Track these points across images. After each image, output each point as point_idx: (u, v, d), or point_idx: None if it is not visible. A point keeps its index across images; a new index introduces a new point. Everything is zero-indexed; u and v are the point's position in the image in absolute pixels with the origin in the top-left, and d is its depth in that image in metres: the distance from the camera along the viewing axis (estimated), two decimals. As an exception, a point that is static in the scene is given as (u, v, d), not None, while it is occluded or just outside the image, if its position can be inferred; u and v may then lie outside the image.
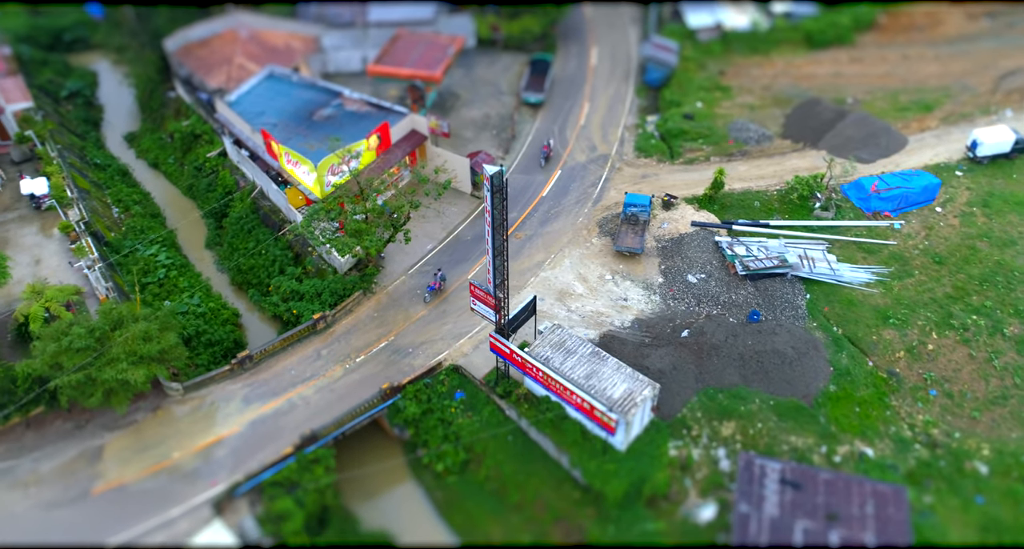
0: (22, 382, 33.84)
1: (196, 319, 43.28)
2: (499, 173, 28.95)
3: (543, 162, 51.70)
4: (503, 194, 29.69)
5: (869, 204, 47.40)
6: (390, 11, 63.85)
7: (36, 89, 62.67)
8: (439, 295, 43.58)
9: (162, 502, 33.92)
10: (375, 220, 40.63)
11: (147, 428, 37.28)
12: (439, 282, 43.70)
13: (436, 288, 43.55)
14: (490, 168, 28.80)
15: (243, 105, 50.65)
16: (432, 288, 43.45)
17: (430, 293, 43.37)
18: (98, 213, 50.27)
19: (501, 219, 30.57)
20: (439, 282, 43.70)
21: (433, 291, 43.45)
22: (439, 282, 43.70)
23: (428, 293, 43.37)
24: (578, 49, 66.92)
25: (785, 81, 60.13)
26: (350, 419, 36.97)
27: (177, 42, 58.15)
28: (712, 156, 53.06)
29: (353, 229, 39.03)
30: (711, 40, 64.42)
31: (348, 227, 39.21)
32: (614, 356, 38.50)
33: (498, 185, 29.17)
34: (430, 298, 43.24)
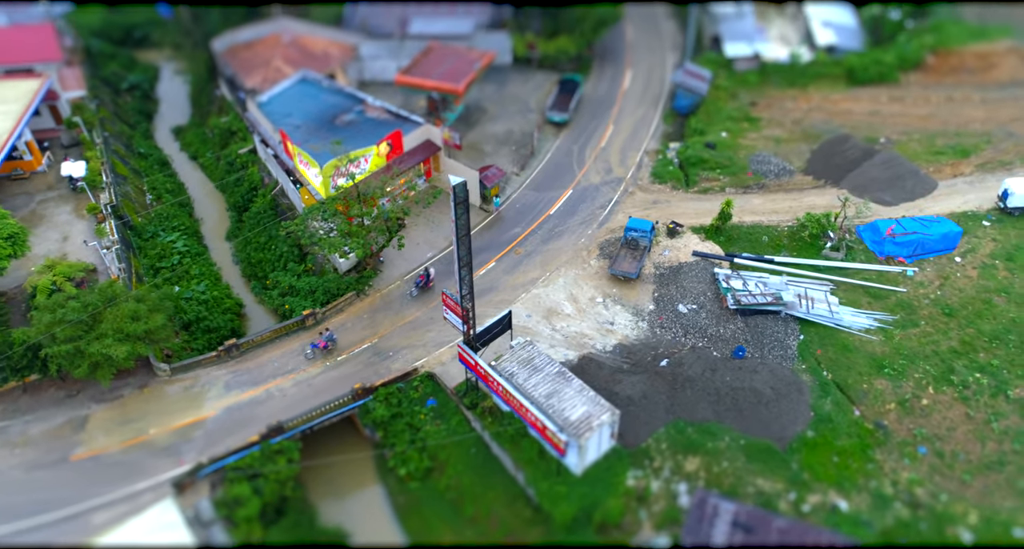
0: (17, 347, 36.17)
1: (199, 305, 45.24)
2: (462, 184, 29.42)
3: (414, 291, 44.48)
4: (466, 206, 30.11)
5: (883, 248, 45.56)
6: (431, 24, 65.59)
7: (99, 80, 67.30)
8: (329, 354, 40.99)
9: (131, 475, 35.47)
10: (370, 224, 41.71)
11: (132, 403, 39.17)
12: (326, 342, 41.10)
13: (321, 347, 40.93)
14: (454, 179, 29.30)
15: (272, 106, 52.92)
16: (315, 346, 40.87)
17: (313, 350, 40.80)
18: (130, 198, 53.34)
19: (466, 230, 30.98)
20: (326, 342, 41.10)
21: (317, 350, 40.85)
22: (326, 342, 41.10)
23: (310, 350, 40.82)
24: (613, 71, 66.99)
25: (818, 116, 58.56)
26: (319, 415, 37.87)
27: (224, 43, 61.35)
28: (728, 187, 52.12)
29: (344, 230, 40.21)
30: (748, 70, 63.40)
31: (340, 228, 40.40)
32: (590, 379, 38.35)
33: (461, 197, 29.63)
34: (312, 355, 40.76)
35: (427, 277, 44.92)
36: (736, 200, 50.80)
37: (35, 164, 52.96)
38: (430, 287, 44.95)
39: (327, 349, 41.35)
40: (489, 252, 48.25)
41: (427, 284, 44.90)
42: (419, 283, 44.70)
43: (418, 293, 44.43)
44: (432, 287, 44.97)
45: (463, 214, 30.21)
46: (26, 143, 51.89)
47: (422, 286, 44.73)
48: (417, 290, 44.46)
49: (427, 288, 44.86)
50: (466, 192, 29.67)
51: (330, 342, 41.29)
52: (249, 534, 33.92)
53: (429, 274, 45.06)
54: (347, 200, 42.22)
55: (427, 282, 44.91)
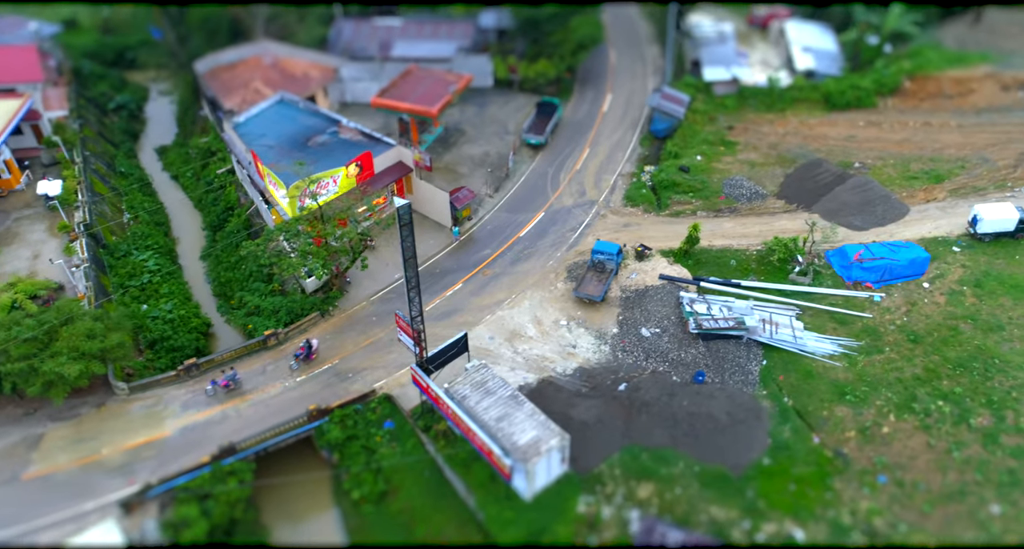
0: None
1: (164, 324, 45.35)
2: (406, 206, 29.52)
3: (294, 365, 41.32)
4: (411, 228, 30.18)
5: (850, 273, 45.26)
6: (414, 47, 66.32)
7: (86, 100, 68.26)
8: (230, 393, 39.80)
9: (80, 495, 35.28)
10: (334, 245, 41.86)
11: (88, 422, 39.11)
12: (228, 381, 39.95)
13: (223, 385, 39.80)
14: (399, 201, 29.40)
15: (248, 126, 53.47)
16: (214, 383, 39.78)
17: (214, 387, 39.64)
18: (106, 217, 53.82)
19: (412, 251, 31.02)
20: (228, 381, 39.95)
21: (216, 386, 39.69)
22: (228, 381, 39.95)
23: (211, 387, 39.63)
24: (594, 95, 67.42)
25: (794, 140, 58.59)
26: (272, 436, 37.71)
27: (207, 64, 62.24)
28: (700, 210, 52.07)
29: (305, 250, 40.35)
30: (727, 94, 63.66)
31: (301, 249, 40.56)
32: (547, 403, 38.14)
33: (405, 219, 29.71)
34: (213, 392, 39.46)
35: (308, 348, 41.42)
36: (707, 224, 50.78)
37: (13, 182, 53.63)
38: (312, 359, 41.60)
39: (228, 388, 39.91)
40: (457, 273, 48.29)
41: (309, 356, 41.48)
42: (299, 355, 41.16)
43: (299, 366, 40.96)
44: (315, 358, 41.64)
45: (408, 236, 30.28)
46: (4, 161, 52.63)
47: (303, 358, 41.26)
48: (298, 363, 40.99)
49: (310, 360, 41.52)
50: (410, 215, 29.75)
51: (232, 381, 39.88)
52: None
53: (311, 345, 41.54)
54: (312, 221, 42.45)
55: (309, 354, 41.45)
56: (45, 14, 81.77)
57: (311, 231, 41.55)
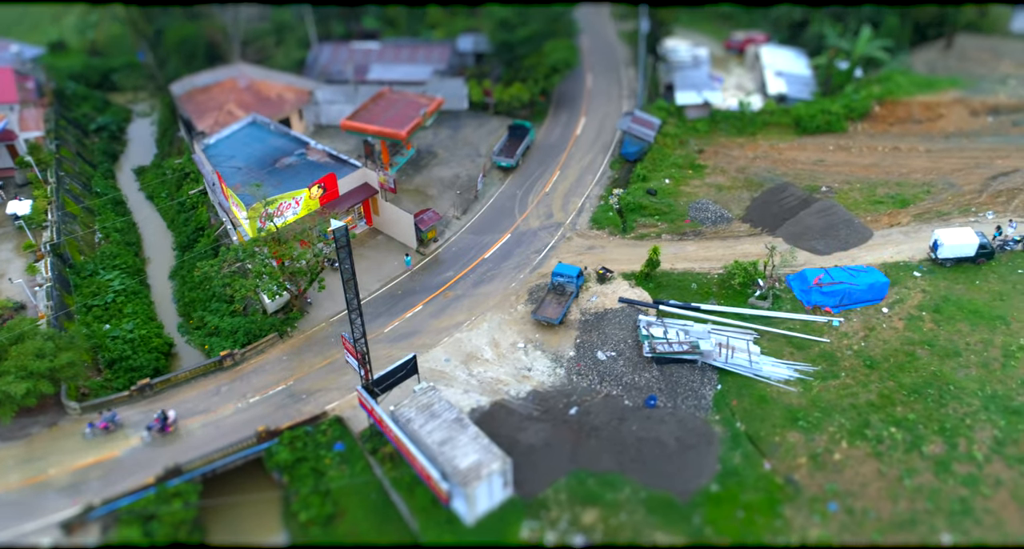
0: (-81, 385, 36.42)
1: (124, 344, 45.43)
2: (343, 228, 29.72)
3: (147, 437, 38.41)
4: (348, 249, 30.33)
5: (810, 297, 45.17)
6: (390, 71, 67.11)
7: (67, 121, 69.12)
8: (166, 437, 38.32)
9: (22, 515, 35.16)
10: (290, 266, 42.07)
11: (38, 442, 39.04)
12: (106, 423, 38.52)
13: (101, 427, 38.42)
14: (335, 222, 29.65)
15: (218, 148, 54.01)
16: (91, 426, 38.35)
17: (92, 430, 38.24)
18: (76, 237, 54.20)
19: (351, 273, 31.14)
20: (106, 423, 38.52)
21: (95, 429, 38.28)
22: (106, 423, 38.52)
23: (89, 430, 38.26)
24: (568, 118, 67.96)
25: (763, 164, 58.84)
26: (219, 457, 37.57)
27: (183, 87, 63.07)
28: (665, 234, 52.19)
29: (259, 272, 40.54)
30: (698, 118, 64.10)
31: (255, 270, 40.75)
32: (497, 426, 38.02)
33: (342, 241, 29.88)
34: (92, 435, 38.09)
35: (163, 420, 38.64)
36: (670, 247, 50.88)
37: (-15, 202, 54.21)
38: (168, 432, 38.60)
39: (107, 430, 38.65)
40: (419, 295, 48.38)
41: (164, 428, 38.54)
42: (151, 427, 38.49)
43: (151, 439, 38.14)
44: (172, 431, 38.62)
45: (347, 258, 30.42)
46: (-24, 181, 53.27)
47: (158, 430, 38.52)
48: (150, 435, 38.26)
49: (165, 432, 38.51)
50: (347, 236, 29.94)
51: (111, 423, 38.66)
52: (133, 579, 33.46)
53: (167, 416, 38.80)
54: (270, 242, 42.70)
55: (164, 426, 38.55)
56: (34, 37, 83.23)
57: (269, 252, 41.75)
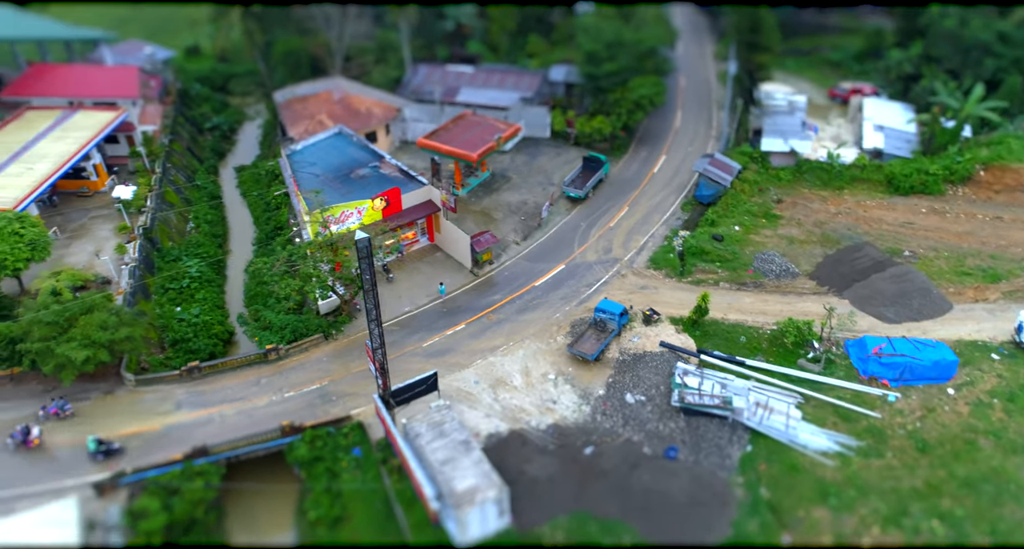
0: (1, 340, 40.59)
1: (188, 327, 48.74)
2: (366, 239, 30.82)
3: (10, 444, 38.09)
4: (370, 260, 31.38)
5: (867, 367, 42.17)
6: (478, 95, 68.98)
7: (185, 118, 75.52)
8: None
9: (65, 471, 38.22)
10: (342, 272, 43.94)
11: (94, 406, 42.45)
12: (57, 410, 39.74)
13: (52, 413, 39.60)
14: (360, 233, 30.76)
15: (303, 154, 57.34)
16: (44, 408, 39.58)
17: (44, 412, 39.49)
18: (169, 224, 58.93)
19: (371, 283, 32.15)
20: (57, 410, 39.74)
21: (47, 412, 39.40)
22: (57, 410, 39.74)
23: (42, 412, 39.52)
24: (648, 155, 67.24)
25: (844, 221, 55.70)
26: (244, 445, 39.41)
27: (285, 95, 67.52)
28: (723, 282, 50.36)
29: (304, 273, 42.53)
30: (783, 167, 61.68)
31: (302, 271, 42.78)
32: (506, 454, 37.85)
33: (364, 251, 30.97)
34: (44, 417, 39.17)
35: (25, 434, 38.15)
36: (726, 296, 49.06)
37: (99, 184, 59.97)
38: (31, 446, 38.10)
39: (58, 416, 40.04)
40: (463, 314, 49.05)
41: (26, 442, 38.07)
42: (15, 436, 38.06)
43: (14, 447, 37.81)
44: (35, 446, 38.18)
45: (368, 268, 31.48)
46: (94, 165, 59.06)
47: (20, 442, 38.10)
48: (14, 443, 37.93)
49: (27, 446, 38.03)
50: (369, 247, 31.01)
51: (60, 410, 40.05)
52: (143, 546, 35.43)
53: (28, 430, 38.29)
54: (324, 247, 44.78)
55: (26, 440, 38.06)
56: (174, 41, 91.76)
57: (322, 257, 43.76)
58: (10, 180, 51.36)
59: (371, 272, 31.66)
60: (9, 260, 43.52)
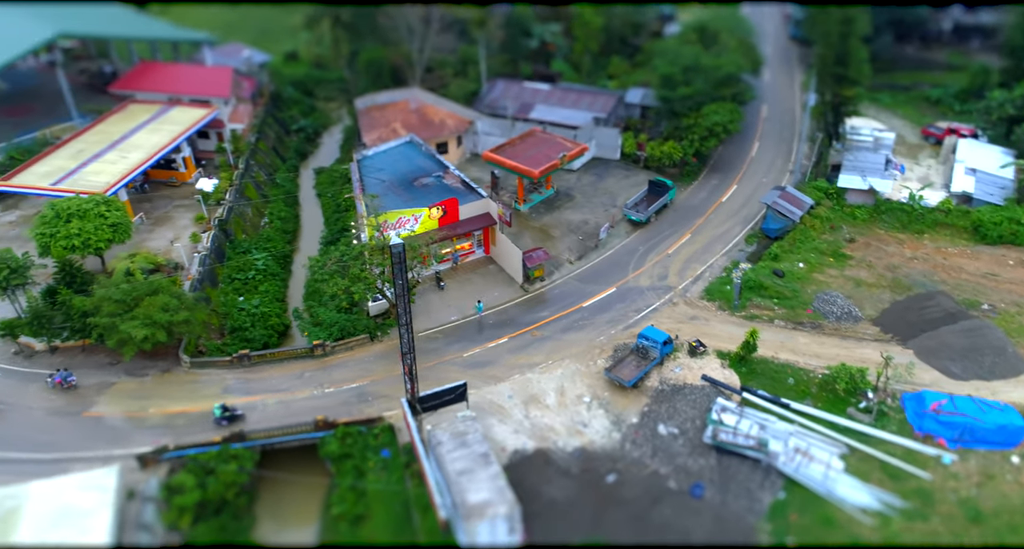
0: (75, 312, 43.77)
1: (247, 316, 51.09)
2: (401, 245, 31.57)
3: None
4: (404, 266, 32.07)
5: (923, 423, 39.47)
6: (551, 113, 69.38)
7: (274, 119, 79.52)
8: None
9: (115, 441, 40.76)
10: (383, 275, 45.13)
11: (151, 383, 45.10)
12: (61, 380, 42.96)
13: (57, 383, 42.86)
14: (395, 239, 31.55)
15: (372, 160, 59.29)
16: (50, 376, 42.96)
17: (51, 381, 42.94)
18: (244, 218, 62.10)
19: (403, 289, 32.83)
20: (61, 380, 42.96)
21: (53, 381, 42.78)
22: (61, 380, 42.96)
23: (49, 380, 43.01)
24: (719, 183, 65.63)
25: (919, 267, 52.47)
26: (279, 434, 40.84)
27: (365, 102, 70.04)
28: (778, 319, 48.41)
29: (352, 274, 43.81)
30: (860, 205, 58.83)
31: (352, 272, 44.10)
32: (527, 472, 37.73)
33: (398, 258, 31.70)
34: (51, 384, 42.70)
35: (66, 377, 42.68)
36: (779, 334, 47.13)
37: (187, 176, 63.94)
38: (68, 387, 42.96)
39: (62, 386, 43.09)
40: (507, 328, 49.20)
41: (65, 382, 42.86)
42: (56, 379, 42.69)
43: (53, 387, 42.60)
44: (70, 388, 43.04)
45: (400, 274, 32.20)
46: (184, 158, 63.08)
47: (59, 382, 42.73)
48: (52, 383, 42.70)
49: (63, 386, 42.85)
50: (404, 254, 31.75)
51: (64, 381, 43.08)
52: (175, 520, 37.17)
53: None
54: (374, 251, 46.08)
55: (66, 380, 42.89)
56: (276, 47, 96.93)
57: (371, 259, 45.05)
58: (105, 167, 55.60)
59: (404, 278, 32.40)
60: (92, 239, 46.98)
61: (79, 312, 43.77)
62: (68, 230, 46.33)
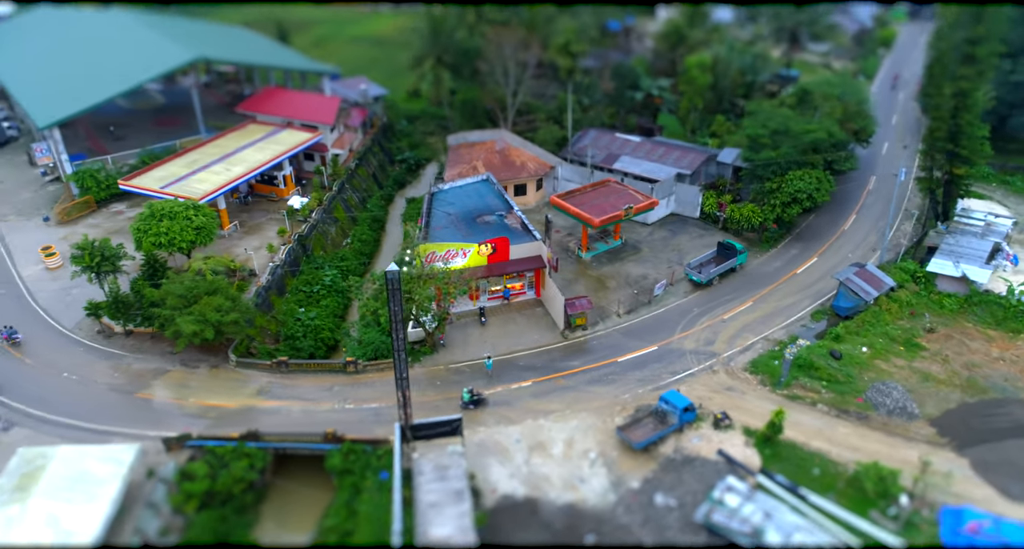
0: (146, 302, 48.74)
1: (300, 327, 54.47)
2: (395, 272, 32.80)
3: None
4: (399, 295, 33.22)
5: (956, 541, 34.76)
6: (635, 165, 69.00)
7: (380, 148, 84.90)
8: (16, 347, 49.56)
9: (155, 422, 44.61)
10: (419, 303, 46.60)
11: (198, 375, 49.08)
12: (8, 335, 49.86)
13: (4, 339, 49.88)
14: (392, 266, 32.80)
15: (445, 194, 61.73)
16: None
17: None
18: (326, 236, 66.52)
19: (399, 316, 33.93)
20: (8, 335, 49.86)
21: None
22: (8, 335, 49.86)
23: None
24: (798, 254, 62.02)
25: (1004, 369, 46.57)
26: (291, 440, 42.90)
27: (457, 139, 73.17)
28: (822, 404, 44.73)
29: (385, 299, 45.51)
30: (950, 293, 53.32)
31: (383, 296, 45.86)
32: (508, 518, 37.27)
33: (393, 286, 32.92)
34: None
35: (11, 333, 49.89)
36: (820, 421, 43.56)
37: (285, 193, 69.62)
38: None
39: (8, 342, 49.83)
40: (535, 372, 48.99)
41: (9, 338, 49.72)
42: None
43: None
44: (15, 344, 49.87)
45: (395, 300, 33.38)
46: (284, 176, 68.84)
47: None
48: None
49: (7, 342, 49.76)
50: (399, 281, 32.95)
51: (11, 338, 49.81)
52: (182, 504, 39.90)
53: None
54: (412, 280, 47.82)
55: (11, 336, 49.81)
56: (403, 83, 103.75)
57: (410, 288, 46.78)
58: (209, 176, 61.93)
59: (399, 304, 33.56)
60: (176, 239, 52.34)
61: (148, 302, 48.76)
62: (158, 228, 51.98)
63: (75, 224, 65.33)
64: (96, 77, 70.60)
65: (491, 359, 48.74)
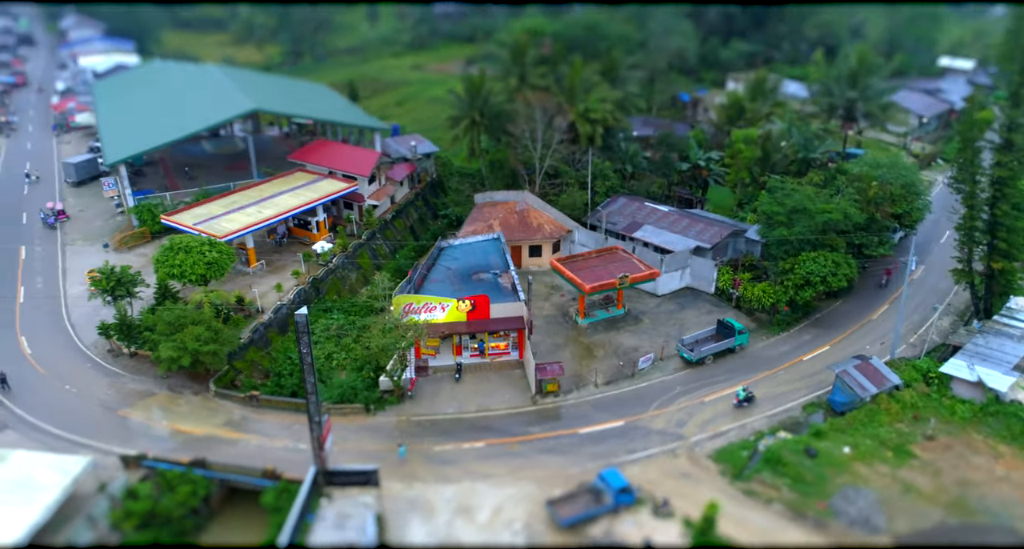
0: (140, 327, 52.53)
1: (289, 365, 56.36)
2: (304, 315, 33.85)
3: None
4: (308, 338, 34.19)
5: None
6: (654, 235, 67.48)
7: (424, 202, 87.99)
8: None
9: (123, 440, 47.43)
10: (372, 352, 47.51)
11: (180, 400, 51.86)
12: None
13: None
14: (301, 311, 33.94)
15: (452, 250, 63.15)
16: None
17: None
18: (343, 281, 69.26)
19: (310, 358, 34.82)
20: None
21: None
22: None
23: None
24: (812, 339, 57.95)
25: (1005, 491, 40.74)
26: (232, 471, 44.18)
27: (483, 198, 74.78)
28: (779, 503, 40.94)
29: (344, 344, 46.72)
30: (963, 399, 47.70)
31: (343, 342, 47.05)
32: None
33: (303, 328, 33.96)
34: None
35: None
36: (770, 522, 39.88)
37: (318, 237, 73.37)
38: None
39: None
40: (491, 434, 48.20)
41: None
42: None
43: None
44: None
45: (304, 343, 34.36)
46: (318, 221, 72.80)
47: None
48: None
49: None
50: (307, 325, 33.96)
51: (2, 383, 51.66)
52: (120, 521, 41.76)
53: None
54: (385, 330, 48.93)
55: None
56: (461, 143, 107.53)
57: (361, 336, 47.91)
58: (240, 217, 66.59)
59: (308, 349, 34.53)
60: (188, 272, 56.36)
61: (145, 326, 52.57)
62: (173, 260, 56.31)
63: (129, 252, 71.87)
64: (165, 123, 78.61)
65: (403, 447, 45.86)
